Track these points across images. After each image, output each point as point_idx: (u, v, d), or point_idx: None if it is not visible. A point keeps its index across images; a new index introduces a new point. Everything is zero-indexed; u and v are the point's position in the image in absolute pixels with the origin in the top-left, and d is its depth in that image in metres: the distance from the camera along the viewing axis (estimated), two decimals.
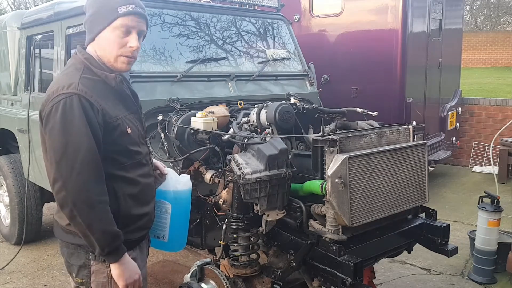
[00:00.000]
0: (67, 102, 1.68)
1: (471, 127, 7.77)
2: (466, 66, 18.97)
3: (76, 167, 1.65)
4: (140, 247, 1.96)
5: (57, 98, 1.70)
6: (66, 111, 1.67)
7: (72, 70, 1.80)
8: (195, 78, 3.35)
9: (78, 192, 1.66)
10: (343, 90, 5.86)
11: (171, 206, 2.10)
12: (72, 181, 1.66)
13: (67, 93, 1.69)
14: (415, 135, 2.50)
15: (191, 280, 2.58)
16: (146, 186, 1.93)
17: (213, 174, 2.61)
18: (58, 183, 1.68)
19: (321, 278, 2.27)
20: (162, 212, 2.12)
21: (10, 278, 3.98)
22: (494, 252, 3.77)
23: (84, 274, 1.86)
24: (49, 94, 1.74)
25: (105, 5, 1.79)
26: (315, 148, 2.24)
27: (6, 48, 4.67)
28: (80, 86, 1.72)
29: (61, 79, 1.78)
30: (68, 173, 1.66)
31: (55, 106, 1.69)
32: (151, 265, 4.16)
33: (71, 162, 1.66)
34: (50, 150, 1.70)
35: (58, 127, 1.67)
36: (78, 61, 1.84)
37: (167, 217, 2.10)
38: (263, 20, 4.07)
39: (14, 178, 4.48)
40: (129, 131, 1.84)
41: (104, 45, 1.82)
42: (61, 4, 3.74)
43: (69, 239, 1.86)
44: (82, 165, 1.66)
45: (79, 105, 1.69)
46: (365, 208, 2.18)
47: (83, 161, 1.66)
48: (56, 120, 1.67)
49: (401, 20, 5.56)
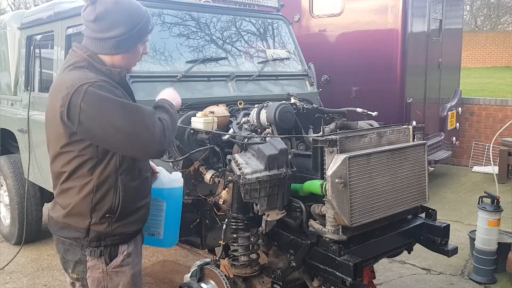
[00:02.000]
0: (94, 86, 1.71)
1: (471, 127, 7.78)
2: (466, 66, 18.97)
3: (149, 124, 1.75)
4: (135, 241, 1.98)
5: (81, 88, 1.69)
6: (97, 91, 1.70)
7: (77, 68, 1.81)
8: (195, 78, 3.35)
9: (162, 139, 1.79)
10: (343, 90, 5.86)
11: (166, 204, 2.14)
12: (155, 137, 1.76)
13: (88, 82, 1.71)
14: (415, 135, 2.50)
15: (191, 280, 2.59)
16: (145, 179, 1.98)
17: (213, 174, 2.61)
18: (149, 144, 1.76)
19: (321, 278, 2.27)
20: (156, 209, 2.15)
21: (10, 278, 3.98)
22: (494, 252, 3.77)
23: (80, 270, 1.88)
24: (68, 86, 1.71)
25: (139, 25, 1.86)
26: (315, 148, 2.24)
27: (6, 48, 4.67)
28: (98, 78, 1.76)
29: (70, 76, 1.77)
30: (148, 132, 1.75)
31: (85, 91, 1.68)
32: (151, 265, 4.17)
33: (140, 119, 1.74)
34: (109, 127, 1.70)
35: (101, 105, 1.70)
36: (80, 59, 1.84)
37: (162, 215, 2.15)
38: (263, 20, 4.07)
39: (14, 178, 4.48)
40: None
41: (130, 60, 1.93)
42: (61, 4, 3.74)
43: (64, 233, 1.88)
44: (149, 119, 1.76)
45: (105, 86, 1.74)
46: (365, 208, 2.18)
47: (148, 116, 1.76)
48: (94, 101, 1.69)
49: (401, 20, 5.56)
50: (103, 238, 1.85)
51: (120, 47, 1.86)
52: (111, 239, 1.87)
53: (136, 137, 1.74)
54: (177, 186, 2.22)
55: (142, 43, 1.92)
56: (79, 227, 1.84)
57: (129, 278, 1.93)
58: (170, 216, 2.19)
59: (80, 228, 1.84)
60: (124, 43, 1.85)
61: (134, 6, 1.88)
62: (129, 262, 1.93)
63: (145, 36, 1.91)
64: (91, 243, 1.84)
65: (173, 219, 2.22)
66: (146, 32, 1.91)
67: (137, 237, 2.00)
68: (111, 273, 1.89)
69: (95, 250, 1.85)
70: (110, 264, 1.88)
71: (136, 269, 1.97)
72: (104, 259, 1.87)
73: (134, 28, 1.85)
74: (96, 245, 1.85)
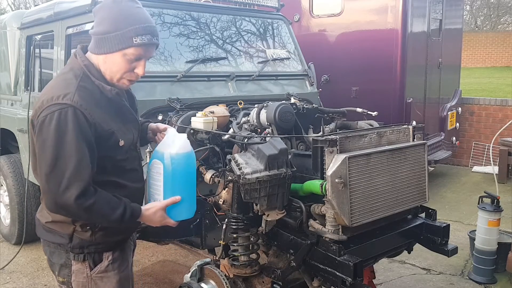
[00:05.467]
0: (62, 114, 1.65)
1: (471, 127, 7.77)
2: (466, 66, 18.98)
3: (63, 183, 1.64)
4: (122, 248, 1.95)
5: (52, 108, 1.66)
6: (60, 124, 1.64)
7: (70, 77, 1.77)
8: (195, 78, 3.35)
9: (67, 206, 1.66)
10: (343, 90, 5.86)
11: (163, 166, 1.93)
12: (59, 196, 1.65)
13: (62, 104, 1.66)
14: (415, 135, 2.50)
15: (191, 280, 2.59)
16: (134, 190, 1.92)
17: (213, 174, 2.61)
18: (46, 196, 1.70)
19: (321, 278, 2.26)
20: (155, 172, 1.98)
21: (10, 278, 3.98)
22: (494, 252, 3.77)
23: (65, 274, 1.88)
24: (44, 100, 1.69)
25: (121, 30, 1.72)
26: (315, 148, 2.24)
27: (6, 48, 4.67)
28: (76, 97, 1.68)
29: (58, 85, 1.74)
30: (56, 188, 1.65)
31: (49, 117, 1.65)
32: (151, 265, 4.17)
33: (59, 178, 1.64)
34: (41, 161, 1.69)
35: (50, 140, 1.65)
36: (77, 67, 1.80)
37: (160, 179, 1.95)
38: (263, 20, 4.07)
39: (14, 178, 4.48)
40: (122, 143, 1.81)
41: (111, 66, 1.78)
42: (61, 4, 3.74)
43: (49, 237, 1.87)
44: (70, 181, 1.64)
45: (73, 118, 1.65)
46: (365, 208, 2.18)
47: (70, 177, 1.64)
48: (50, 132, 1.65)
49: (401, 20, 5.56)
50: (86, 246, 1.84)
51: (99, 47, 1.76)
52: (94, 247, 1.85)
53: (45, 182, 1.68)
54: (178, 151, 1.96)
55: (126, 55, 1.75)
56: (63, 233, 1.83)
57: (114, 283, 1.90)
58: (171, 181, 1.95)
59: (63, 233, 1.83)
60: (103, 44, 1.75)
61: (132, 12, 1.75)
62: (114, 268, 1.90)
63: (126, 46, 1.73)
64: (74, 249, 1.83)
65: (175, 185, 1.96)
66: (128, 43, 1.72)
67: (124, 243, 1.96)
68: (95, 278, 1.86)
69: (79, 255, 1.84)
70: (94, 269, 1.86)
71: (122, 274, 1.93)
72: (88, 263, 1.85)
73: (115, 31, 1.72)
74: (79, 252, 1.84)
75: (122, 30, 1.72)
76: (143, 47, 1.76)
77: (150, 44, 1.78)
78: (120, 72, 1.79)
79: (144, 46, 1.76)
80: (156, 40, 1.81)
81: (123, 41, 1.73)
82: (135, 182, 1.94)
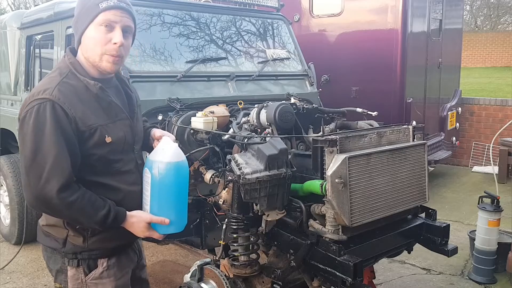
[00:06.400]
0: (41, 108, 1.65)
1: (471, 127, 7.78)
2: (466, 66, 18.98)
3: (44, 176, 1.63)
4: (119, 256, 1.91)
5: (32, 103, 1.67)
6: (39, 117, 1.65)
7: (55, 75, 1.77)
8: (195, 78, 3.35)
9: (47, 200, 1.65)
10: (343, 90, 5.86)
11: (151, 176, 1.85)
12: (39, 190, 1.64)
13: (41, 99, 1.66)
14: (415, 135, 2.50)
15: (191, 280, 2.58)
16: (130, 193, 1.87)
17: (213, 174, 2.61)
18: (27, 191, 1.68)
19: (321, 278, 2.27)
20: (145, 182, 1.90)
21: (10, 278, 3.98)
22: (494, 252, 3.77)
23: (61, 279, 1.87)
24: (27, 98, 1.71)
25: (87, 2, 1.76)
26: (315, 148, 2.24)
27: (6, 48, 4.68)
28: (56, 92, 1.68)
29: (42, 83, 1.76)
30: (36, 181, 1.64)
31: (29, 112, 1.66)
32: (151, 265, 4.16)
33: (39, 171, 1.64)
34: (22, 155, 1.69)
35: (29, 134, 1.65)
36: (64, 65, 1.81)
37: (148, 188, 1.88)
38: (263, 20, 4.07)
39: (14, 178, 4.48)
40: (108, 140, 1.78)
41: (88, 44, 1.77)
42: (61, 4, 3.74)
43: (46, 242, 1.87)
44: (49, 174, 1.63)
45: (51, 112, 1.65)
46: (365, 208, 2.18)
47: (50, 170, 1.63)
48: (29, 126, 1.65)
49: (401, 20, 5.56)
50: (79, 252, 1.82)
51: (76, 32, 1.79)
52: (87, 253, 1.83)
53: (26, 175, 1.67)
54: (167, 160, 1.86)
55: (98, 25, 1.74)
56: (57, 237, 1.82)
57: None
58: (156, 192, 1.86)
59: (58, 238, 1.82)
60: (77, 27, 1.78)
61: None
62: (110, 275, 1.87)
63: (95, 13, 1.73)
64: (68, 254, 1.82)
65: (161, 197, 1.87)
66: (95, 11, 1.73)
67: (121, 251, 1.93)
68: (90, 284, 1.84)
69: (73, 260, 1.83)
70: (89, 275, 1.84)
71: (119, 282, 1.89)
72: (83, 269, 1.83)
73: (82, 9, 1.76)
74: (73, 257, 1.83)
75: (88, 3, 1.75)
76: (111, 10, 1.74)
77: (117, 7, 1.75)
78: (98, 47, 1.75)
79: (112, 9, 1.74)
80: (124, 5, 1.78)
81: (90, 11, 1.74)
82: (131, 185, 1.89)
